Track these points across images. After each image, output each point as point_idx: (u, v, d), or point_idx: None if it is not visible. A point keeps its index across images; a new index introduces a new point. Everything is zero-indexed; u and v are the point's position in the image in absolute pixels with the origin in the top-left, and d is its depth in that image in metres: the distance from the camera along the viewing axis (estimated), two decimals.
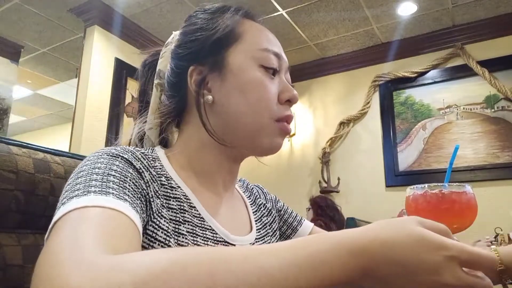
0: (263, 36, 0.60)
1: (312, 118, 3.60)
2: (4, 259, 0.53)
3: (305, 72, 3.58)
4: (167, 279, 0.28)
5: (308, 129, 3.58)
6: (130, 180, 0.45)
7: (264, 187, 0.77)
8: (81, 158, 0.68)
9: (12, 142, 0.59)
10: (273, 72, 0.59)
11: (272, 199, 0.74)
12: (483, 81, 2.94)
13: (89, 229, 0.34)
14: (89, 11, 2.83)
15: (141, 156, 0.52)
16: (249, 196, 0.70)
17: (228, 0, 0.70)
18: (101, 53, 2.85)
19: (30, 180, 0.58)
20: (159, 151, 0.58)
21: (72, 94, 3.06)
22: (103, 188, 0.40)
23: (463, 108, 3.01)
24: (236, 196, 0.66)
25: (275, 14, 2.89)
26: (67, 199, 0.39)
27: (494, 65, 2.91)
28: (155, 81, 0.63)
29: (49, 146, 0.66)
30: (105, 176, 0.43)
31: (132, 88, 3.01)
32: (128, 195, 0.42)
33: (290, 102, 0.60)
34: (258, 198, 0.71)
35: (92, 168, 0.44)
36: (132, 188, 0.44)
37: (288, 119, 0.60)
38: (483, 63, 2.93)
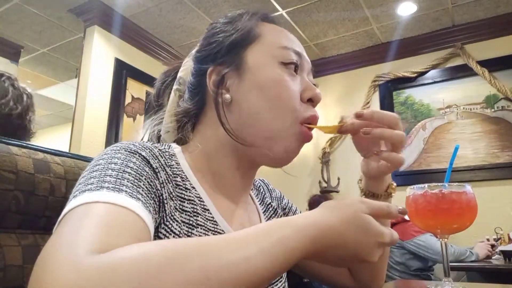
0: (283, 36, 0.60)
1: None
2: (4, 259, 0.53)
3: None
4: (161, 278, 0.29)
5: None
6: (145, 179, 0.45)
7: (269, 183, 0.76)
8: (81, 158, 0.68)
9: (12, 142, 0.59)
10: (294, 68, 0.57)
11: (277, 197, 0.74)
12: (483, 81, 2.94)
13: (92, 225, 0.34)
14: (89, 11, 2.83)
15: (159, 153, 0.51)
16: (257, 194, 0.70)
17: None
18: (101, 53, 2.85)
19: (30, 180, 0.58)
20: (176, 148, 0.57)
21: (72, 94, 3.06)
22: (117, 185, 0.40)
23: (463, 108, 3.01)
24: (249, 200, 0.66)
25: (275, 14, 2.89)
26: (79, 192, 0.39)
27: (494, 65, 2.91)
28: (174, 87, 0.63)
29: (49, 146, 0.66)
30: (120, 172, 0.42)
31: (132, 88, 3.01)
32: (142, 194, 0.42)
33: (312, 102, 0.59)
34: (265, 197, 0.71)
35: (109, 163, 0.44)
36: (146, 187, 0.44)
37: (313, 119, 0.58)
38: (483, 63, 2.93)
